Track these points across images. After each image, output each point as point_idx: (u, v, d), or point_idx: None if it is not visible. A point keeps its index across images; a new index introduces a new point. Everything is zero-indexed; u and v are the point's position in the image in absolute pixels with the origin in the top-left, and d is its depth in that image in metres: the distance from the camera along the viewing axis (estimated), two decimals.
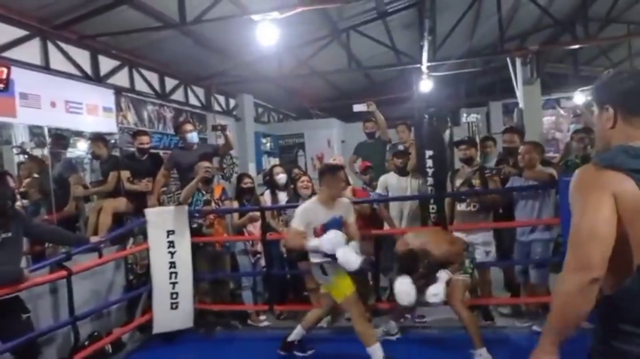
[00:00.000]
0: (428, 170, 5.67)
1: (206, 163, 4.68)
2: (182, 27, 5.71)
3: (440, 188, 4.60)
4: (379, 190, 4.79)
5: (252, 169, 8.74)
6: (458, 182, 4.55)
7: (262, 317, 4.95)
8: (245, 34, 6.07)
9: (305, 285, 4.95)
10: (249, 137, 9.23)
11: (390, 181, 4.72)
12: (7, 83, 4.45)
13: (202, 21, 5.36)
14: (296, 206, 4.82)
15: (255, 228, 5.14)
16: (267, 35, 5.21)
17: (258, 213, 4.93)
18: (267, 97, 10.58)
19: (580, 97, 9.16)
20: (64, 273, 3.63)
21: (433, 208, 4.54)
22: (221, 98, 9.08)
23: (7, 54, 4.70)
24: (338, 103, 11.52)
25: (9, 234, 3.22)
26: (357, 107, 6.20)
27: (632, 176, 1.28)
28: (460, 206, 4.45)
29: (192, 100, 8.18)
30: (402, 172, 4.71)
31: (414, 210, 4.62)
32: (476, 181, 4.43)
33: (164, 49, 6.52)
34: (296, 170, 5.64)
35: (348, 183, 4.91)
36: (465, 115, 11.53)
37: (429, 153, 5.90)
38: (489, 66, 10.87)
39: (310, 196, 4.79)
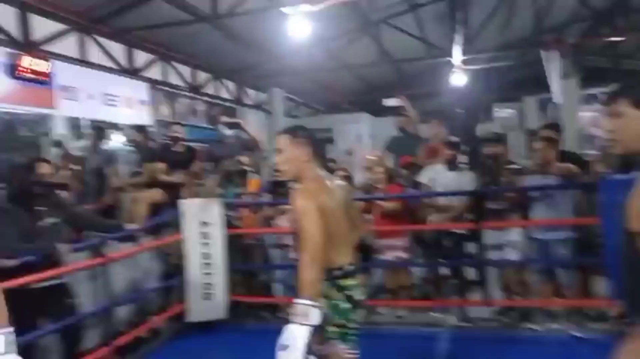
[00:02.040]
0: (461, 165, 5.60)
1: (244, 158, 4.72)
2: (214, 21, 5.75)
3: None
4: (422, 180, 4.62)
5: None
6: (485, 180, 4.39)
7: None
8: (276, 27, 6.05)
9: None
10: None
11: (437, 176, 4.47)
12: (48, 76, 4.61)
13: (234, 14, 5.38)
14: None
15: (283, 221, 5.16)
16: (299, 28, 5.19)
17: (287, 206, 4.95)
18: (297, 90, 10.59)
19: None
20: (102, 259, 3.72)
21: None
22: (252, 92, 9.13)
23: (48, 47, 4.84)
24: (367, 97, 11.43)
25: (53, 220, 3.32)
26: (388, 102, 6.15)
27: None
28: (489, 204, 4.30)
29: (224, 94, 8.27)
30: (451, 166, 4.46)
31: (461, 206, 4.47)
32: (504, 179, 4.26)
33: (196, 43, 6.59)
34: (331, 164, 5.62)
35: (392, 181, 4.83)
36: (498, 110, 11.30)
37: (462, 148, 5.82)
38: (523, 59, 10.58)
39: None
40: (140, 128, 5.55)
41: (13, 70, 4.38)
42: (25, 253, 3.03)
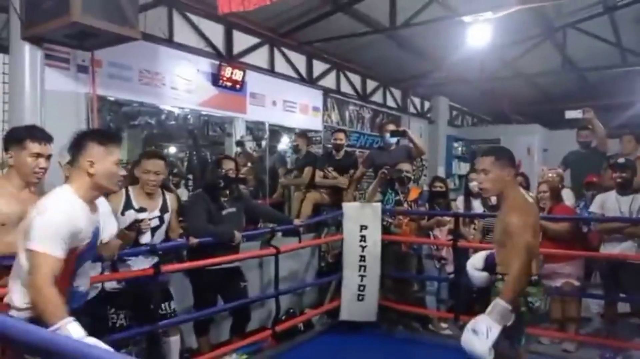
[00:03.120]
0: None
1: (406, 166, 4.78)
2: (390, 31, 5.90)
3: None
4: (593, 209, 4.16)
5: (441, 173, 8.60)
6: None
7: (444, 325, 4.86)
8: (451, 35, 5.98)
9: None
10: (440, 140, 9.10)
11: (608, 202, 4.02)
12: (242, 84, 5.29)
13: (411, 25, 5.45)
14: (491, 216, 4.66)
15: (441, 233, 5.07)
16: (477, 36, 5.06)
17: (446, 218, 4.86)
18: (462, 99, 10.24)
19: None
20: (273, 250, 4.13)
21: None
22: (416, 101, 9.14)
23: (244, 59, 5.54)
24: (542, 107, 10.50)
25: (233, 210, 3.79)
26: (570, 114, 5.56)
27: None
28: None
29: (389, 102, 8.41)
30: (623, 190, 3.96)
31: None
32: None
33: (369, 52, 6.83)
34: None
35: (557, 200, 4.44)
36: None
37: None
38: None
39: None
40: (302, 134, 5.96)
41: (216, 79, 5.11)
42: (208, 235, 3.48)
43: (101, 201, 2.87)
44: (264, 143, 6.05)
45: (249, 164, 5.81)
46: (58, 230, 1.82)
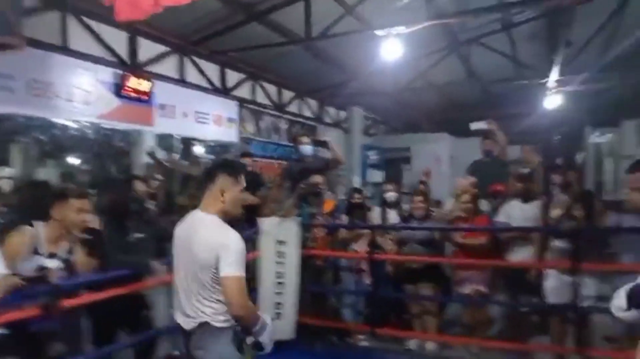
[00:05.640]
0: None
1: (318, 178, 4.73)
2: (305, 42, 5.87)
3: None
4: (501, 218, 4.38)
5: (356, 182, 8.75)
6: (555, 213, 3.97)
7: (362, 337, 4.88)
8: (366, 48, 6.08)
9: (409, 309, 4.83)
10: (356, 149, 9.26)
11: (513, 211, 4.25)
12: (150, 95, 4.97)
13: (327, 37, 5.45)
14: (406, 228, 4.76)
15: (361, 245, 5.09)
16: (390, 49, 5.18)
17: (364, 230, 4.89)
18: (376, 109, 10.53)
19: None
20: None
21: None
22: (332, 111, 9.23)
23: (151, 68, 5.21)
24: (449, 115, 11.10)
25: (142, 235, 3.50)
26: (475, 125, 5.88)
27: None
28: (556, 242, 3.81)
29: (306, 112, 8.42)
30: (525, 198, 4.24)
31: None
32: (578, 213, 3.73)
33: (285, 63, 6.78)
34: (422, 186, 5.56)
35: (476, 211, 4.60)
36: (592, 135, 10.46)
37: (556, 178, 5.40)
38: (627, 81, 9.68)
39: (425, 218, 4.63)
40: (195, 159, 5.74)
41: (119, 90, 4.75)
42: (120, 266, 3.18)
43: None
44: (176, 156, 5.73)
45: (160, 177, 5.48)
46: (243, 255, 2.18)
